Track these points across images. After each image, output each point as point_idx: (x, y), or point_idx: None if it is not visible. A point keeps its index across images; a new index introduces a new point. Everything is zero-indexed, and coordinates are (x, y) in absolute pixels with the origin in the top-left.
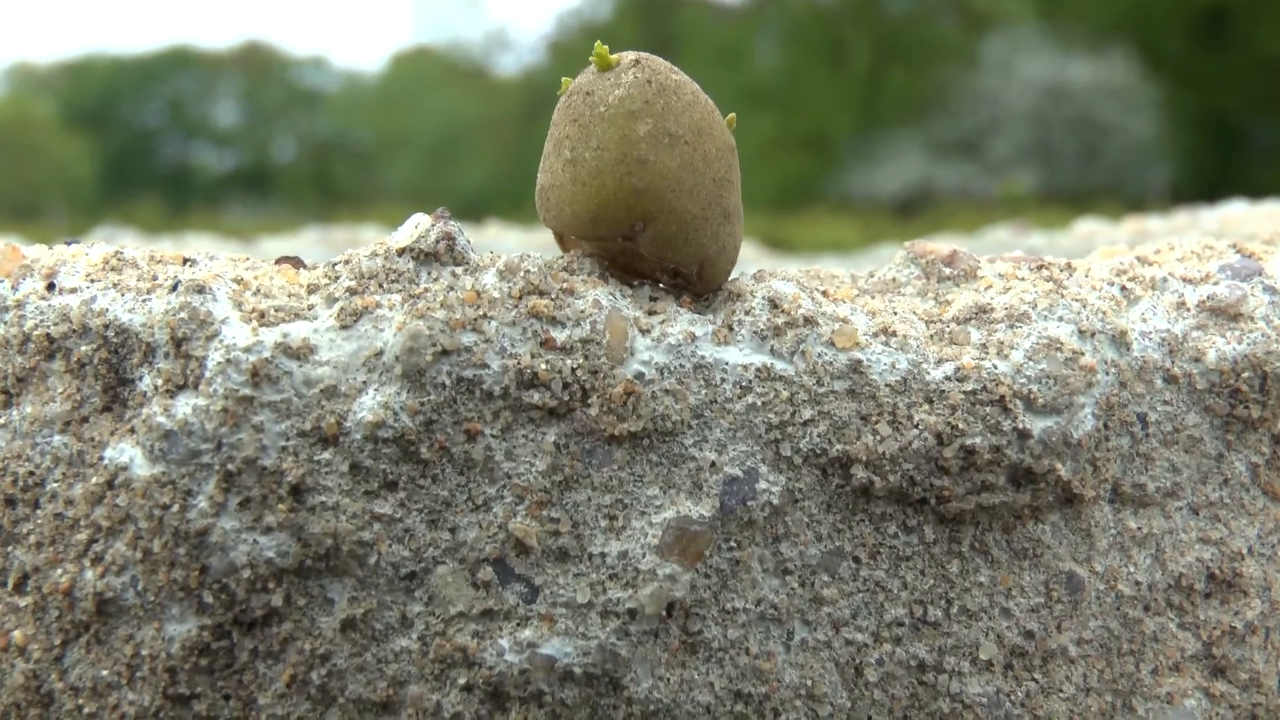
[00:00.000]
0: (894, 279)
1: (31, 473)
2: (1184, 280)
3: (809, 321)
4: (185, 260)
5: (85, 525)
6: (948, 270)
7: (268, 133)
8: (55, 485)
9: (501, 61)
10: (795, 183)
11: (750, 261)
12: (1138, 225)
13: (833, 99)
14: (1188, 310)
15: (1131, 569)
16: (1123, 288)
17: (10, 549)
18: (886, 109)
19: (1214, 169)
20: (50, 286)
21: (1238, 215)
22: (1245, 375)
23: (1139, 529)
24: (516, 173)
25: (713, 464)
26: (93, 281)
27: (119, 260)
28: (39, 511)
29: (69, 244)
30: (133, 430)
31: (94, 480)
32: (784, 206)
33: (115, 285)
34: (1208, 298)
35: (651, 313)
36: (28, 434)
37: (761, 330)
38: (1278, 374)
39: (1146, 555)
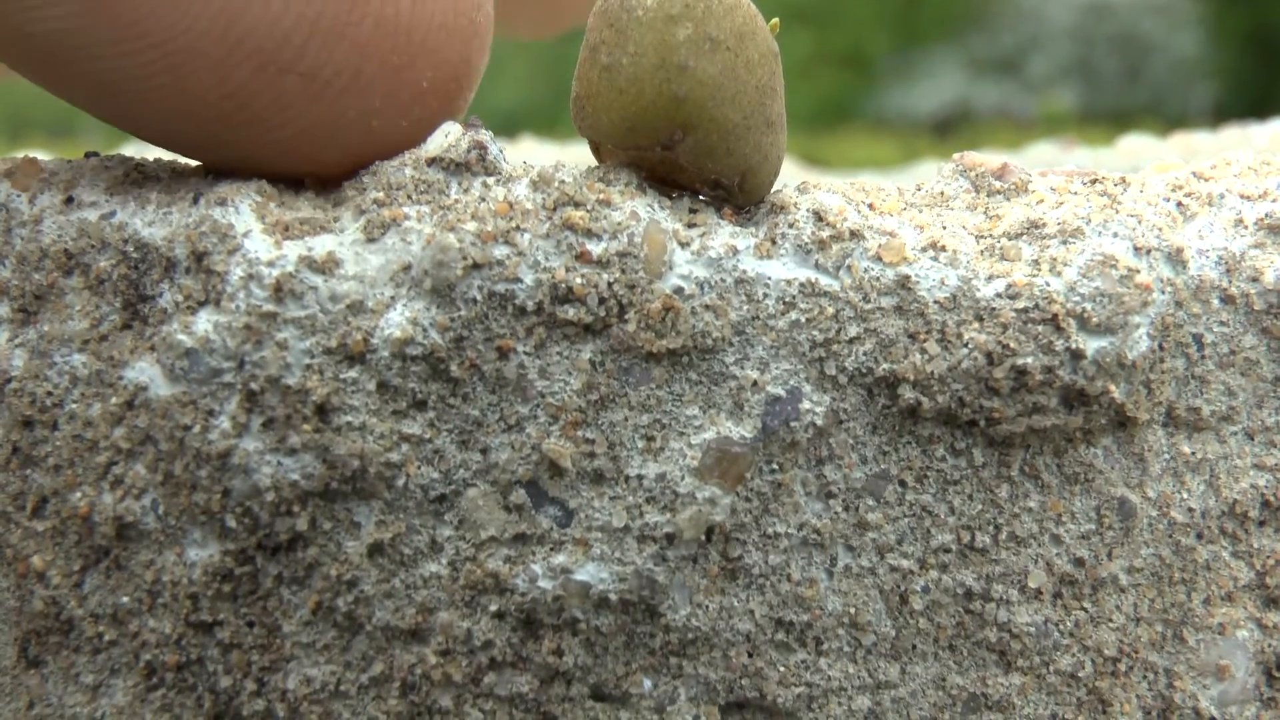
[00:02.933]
0: (942, 192)
1: (50, 393)
2: (1241, 197)
3: (855, 235)
4: (208, 173)
5: (104, 447)
6: (998, 184)
7: None
8: (74, 406)
9: None
10: (832, 101)
11: (789, 177)
12: (1185, 141)
13: (871, 15)
14: (1245, 228)
15: (1185, 495)
16: (1179, 204)
17: (28, 472)
18: (925, 26)
19: (1259, 87)
20: (69, 200)
21: None
22: None
23: (1193, 454)
24: (551, 90)
25: (754, 383)
26: (112, 195)
27: (140, 174)
28: (57, 433)
29: (89, 157)
30: (153, 348)
31: (113, 400)
32: (820, 125)
33: (136, 199)
34: (1266, 215)
35: (691, 225)
36: (45, 353)
37: (806, 244)
38: None
39: (1200, 481)
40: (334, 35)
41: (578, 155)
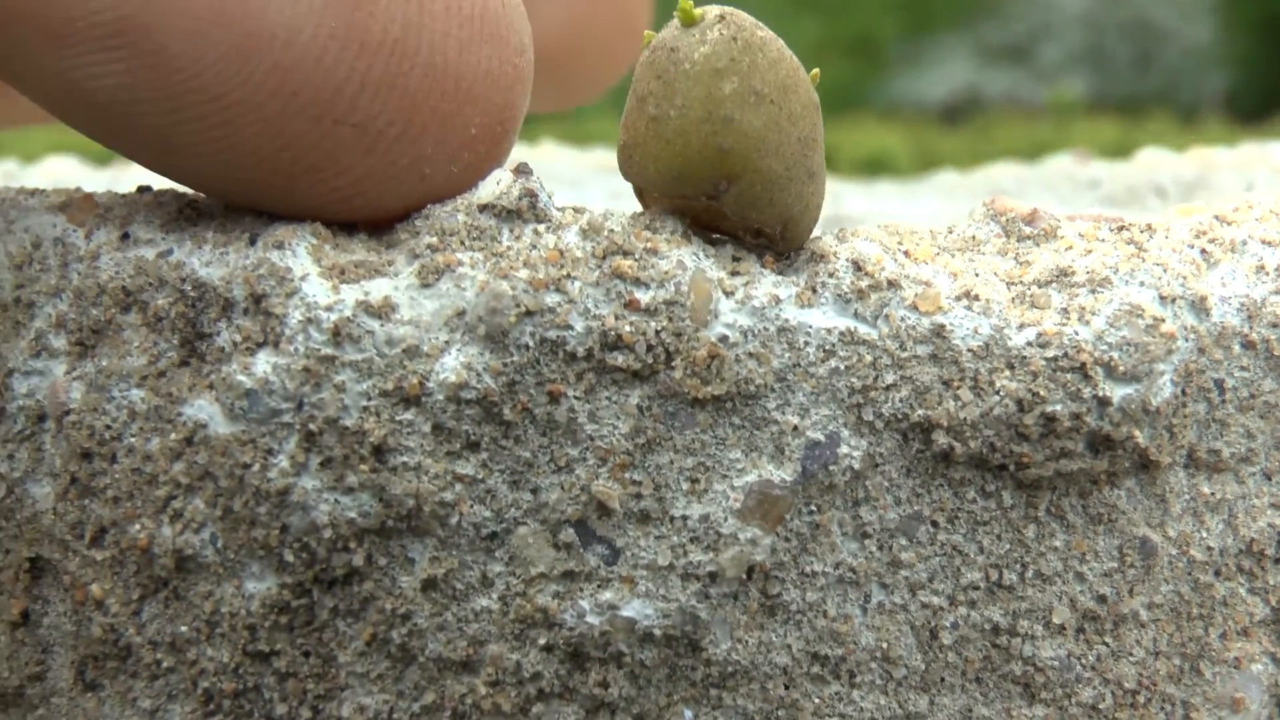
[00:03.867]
0: (973, 236)
1: (108, 426)
2: (1263, 243)
3: (892, 284)
4: (261, 212)
5: (164, 481)
6: (1028, 229)
7: None
8: (133, 440)
9: None
10: (840, 89)
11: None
12: (1203, 156)
13: (880, 2)
14: (1267, 274)
15: (1204, 534)
16: (1203, 250)
17: (86, 502)
18: (935, 12)
19: (1272, 75)
20: (125, 237)
21: None
22: None
23: (1212, 494)
24: None
25: (795, 427)
26: (168, 233)
27: (194, 210)
28: (115, 466)
29: (142, 191)
30: (211, 387)
31: (172, 436)
32: (828, 113)
33: (192, 237)
34: None
35: (735, 273)
36: (103, 387)
37: (845, 293)
38: None
39: (1219, 520)
40: (385, 86)
41: (599, 160)
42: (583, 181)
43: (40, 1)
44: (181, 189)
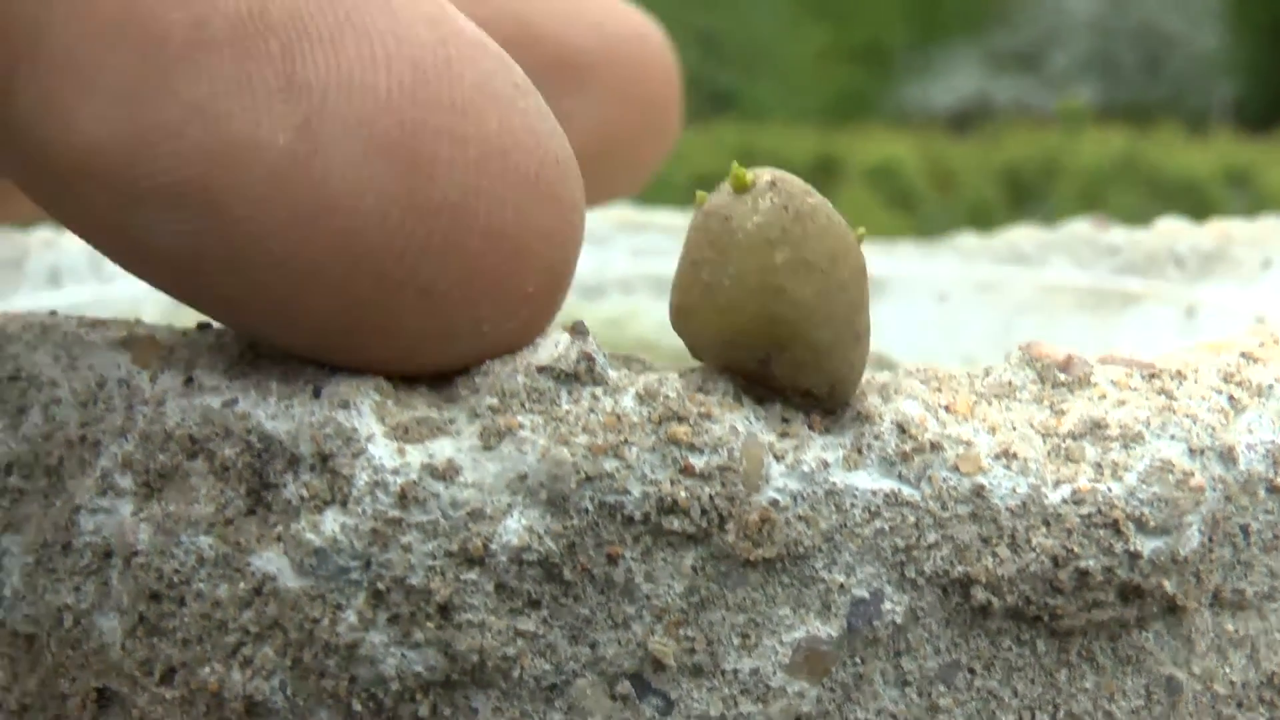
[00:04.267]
0: (1010, 382)
1: (177, 570)
2: None
3: (935, 446)
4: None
5: (233, 628)
6: (1062, 376)
7: None
8: (201, 585)
9: None
10: (848, 96)
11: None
12: (1221, 227)
13: (889, 8)
14: None
15: (1227, 669)
16: (1230, 397)
17: (155, 641)
18: (944, 19)
19: None
20: (189, 381)
21: None
22: None
23: (1236, 631)
24: None
25: (841, 585)
26: (232, 380)
27: (254, 354)
28: (184, 610)
29: (203, 330)
30: (279, 539)
31: (241, 586)
32: (837, 121)
33: (256, 387)
34: None
35: (784, 434)
36: (171, 531)
37: (890, 456)
38: None
39: (1242, 656)
40: (446, 251)
41: (620, 217)
42: (606, 239)
43: (106, 160)
44: None
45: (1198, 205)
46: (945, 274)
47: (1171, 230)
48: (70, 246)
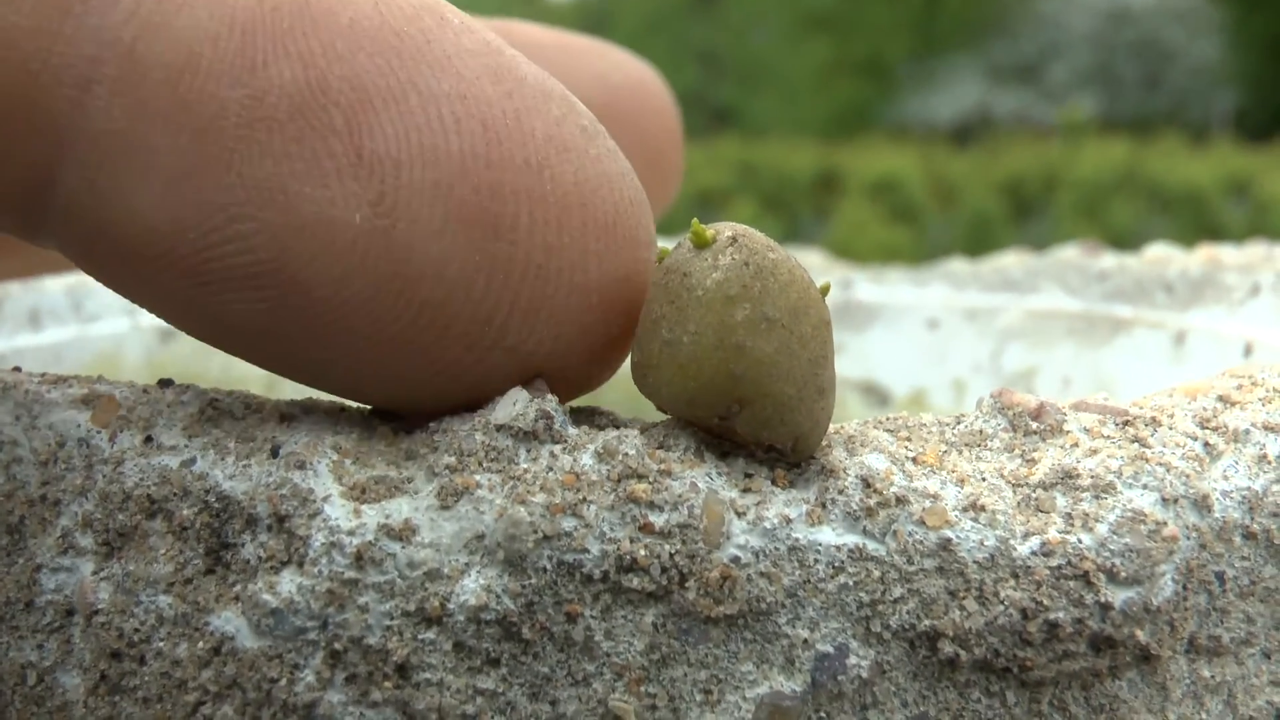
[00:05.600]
0: (981, 430)
1: (137, 630)
2: (1266, 429)
3: (900, 501)
4: (282, 417)
5: (193, 687)
6: (1034, 424)
7: None
8: (161, 644)
9: None
10: (850, 109)
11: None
12: (1210, 253)
13: (889, 22)
14: (1269, 463)
15: (1204, 715)
16: (1205, 443)
17: (117, 699)
18: (944, 33)
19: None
20: (148, 440)
21: None
22: None
23: (1212, 677)
24: None
25: (805, 641)
26: (191, 438)
27: (215, 410)
28: (145, 668)
29: (164, 386)
30: (237, 599)
31: (200, 645)
32: (839, 133)
33: (215, 446)
34: None
35: (747, 490)
36: (131, 591)
37: (854, 511)
38: None
39: (1218, 701)
40: (533, 311)
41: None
42: None
43: (170, 244)
44: (203, 386)
45: (1199, 215)
46: (936, 301)
47: (1161, 256)
48: (49, 287)
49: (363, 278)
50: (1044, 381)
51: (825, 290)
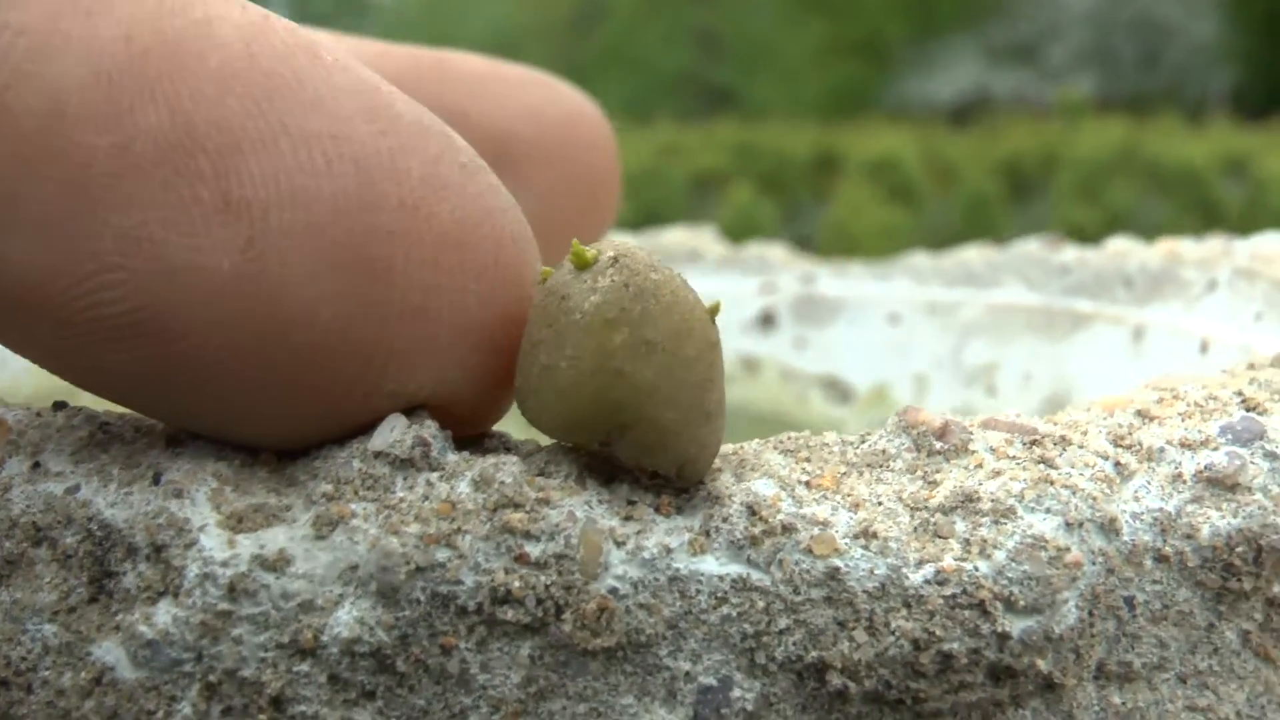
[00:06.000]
0: (884, 450)
1: (24, 658)
2: (1182, 446)
3: (787, 529)
4: (169, 442)
5: (76, 717)
6: (939, 444)
7: None
8: (46, 674)
9: None
10: (847, 91)
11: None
12: (1170, 247)
13: (887, 3)
14: (1184, 483)
15: None
16: (1117, 463)
17: None
18: (942, 13)
19: (1277, 72)
20: (36, 465)
21: (1270, 252)
22: (1239, 550)
23: (1123, 704)
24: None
25: (687, 673)
26: (78, 464)
27: (104, 434)
28: (32, 697)
29: (58, 409)
30: (117, 629)
31: (83, 675)
32: (837, 115)
33: (99, 473)
34: (1205, 467)
35: (628, 518)
36: (18, 619)
37: (739, 540)
38: (1273, 546)
39: None
40: (414, 353)
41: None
42: None
43: (41, 294)
44: (95, 409)
45: (1197, 194)
46: (897, 295)
47: (1121, 250)
48: None
49: (235, 324)
50: (1005, 377)
51: (715, 311)
